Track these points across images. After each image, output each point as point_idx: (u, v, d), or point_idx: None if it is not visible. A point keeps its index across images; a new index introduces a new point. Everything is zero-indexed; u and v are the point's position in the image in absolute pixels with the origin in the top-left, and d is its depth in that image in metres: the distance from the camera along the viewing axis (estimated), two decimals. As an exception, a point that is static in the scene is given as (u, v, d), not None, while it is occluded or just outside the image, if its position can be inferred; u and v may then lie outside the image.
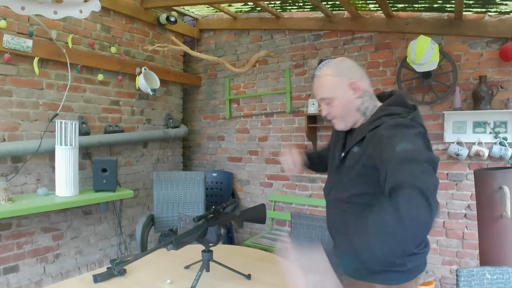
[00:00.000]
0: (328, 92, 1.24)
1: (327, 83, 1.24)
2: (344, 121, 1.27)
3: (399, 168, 0.95)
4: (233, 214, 1.71)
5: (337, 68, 1.25)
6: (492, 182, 1.98)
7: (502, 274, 1.50)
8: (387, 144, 1.03)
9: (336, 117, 1.28)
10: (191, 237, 1.45)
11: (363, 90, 1.24)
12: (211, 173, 4.10)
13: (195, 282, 1.40)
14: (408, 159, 0.96)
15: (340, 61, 1.29)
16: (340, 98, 1.23)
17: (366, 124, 1.21)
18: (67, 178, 2.63)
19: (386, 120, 1.12)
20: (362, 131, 1.20)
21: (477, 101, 2.72)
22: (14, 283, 2.67)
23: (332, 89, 1.24)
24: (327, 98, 1.25)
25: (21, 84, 2.74)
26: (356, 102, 1.23)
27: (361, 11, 3.18)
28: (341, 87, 1.23)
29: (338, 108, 1.25)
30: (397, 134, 1.05)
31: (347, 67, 1.26)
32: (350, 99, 1.23)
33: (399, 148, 0.99)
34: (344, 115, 1.26)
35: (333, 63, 1.27)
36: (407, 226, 0.84)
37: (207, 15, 4.21)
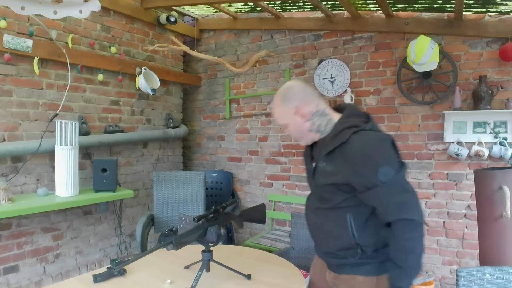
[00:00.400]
0: (281, 121, 1.39)
1: (278, 113, 1.39)
2: (303, 140, 1.42)
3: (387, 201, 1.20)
4: (233, 214, 1.71)
5: (283, 98, 1.36)
6: (492, 182, 1.98)
7: (502, 274, 1.51)
8: (368, 170, 1.20)
9: (295, 138, 1.45)
10: (191, 237, 1.45)
11: (310, 113, 1.34)
12: (211, 173, 4.10)
13: (195, 282, 1.40)
14: (391, 192, 1.19)
15: (286, 89, 1.37)
16: (291, 124, 1.37)
17: (329, 138, 1.31)
18: (67, 178, 2.63)
19: (349, 135, 1.24)
20: (325, 146, 1.31)
21: (477, 101, 2.72)
22: (14, 283, 2.67)
23: (283, 118, 1.37)
24: (282, 124, 1.40)
25: (21, 84, 2.74)
26: (305, 125, 1.35)
27: (361, 11, 3.18)
28: (288, 115, 1.35)
29: (293, 132, 1.39)
30: (374, 159, 1.20)
31: (292, 95, 1.35)
32: (300, 124, 1.35)
33: (381, 178, 1.17)
34: (300, 136, 1.41)
35: (280, 92, 1.37)
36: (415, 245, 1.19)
37: (207, 15, 4.21)
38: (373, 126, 1.31)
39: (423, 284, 2.66)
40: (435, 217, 3.01)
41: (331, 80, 3.46)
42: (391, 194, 1.19)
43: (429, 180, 3.03)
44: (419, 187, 3.07)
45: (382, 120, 3.23)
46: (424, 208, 3.05)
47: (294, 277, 1.56)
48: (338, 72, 3.42)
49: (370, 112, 3.24)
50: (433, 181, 3.01)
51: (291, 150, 3.73)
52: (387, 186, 1.18)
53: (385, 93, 3.22)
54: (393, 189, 1.19)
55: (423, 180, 3.05)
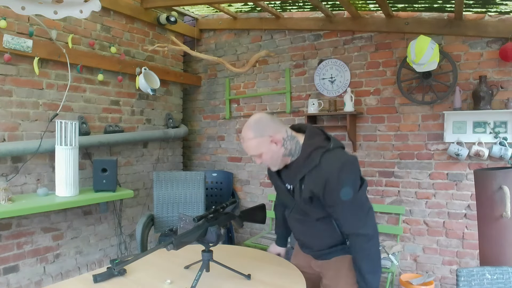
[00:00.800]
0: (255, 151, 1.47)
1: (252, 145, 1.46)
2: (276, 165, 1.52)
3: (346, 217, 1.43)
4: (233, 214, 1.71)
5: (256, 129, 1.45)
6: (492, 182, 1.98)
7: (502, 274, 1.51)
8: (334, 189, 1.37)
9: (268, 164, 1.53)
10: (191, 237, 1.45)
11: (282, 139, 1.46)
12: (211, 173, 4.10)
13: (195, 282, 1.40)
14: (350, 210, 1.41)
15: (256, 122, 1.47)
16: (266, 152, 1.46)
17: (301, 161, 1.46)
18: (67, 178, 2.63)
19: (319, 157, 1.41)
20: (299, 169, 1.46)
21: (477, 101, 2.72)
22: (14, 283, 2.67)
23: (258, 148, 1.46)
24: (256, 154, 1.48)
25: (21, 84, 2.74)
26: (280, 151, 1.47)
27: (361, 11, 3.18)
28: (264, 144, 1.45)
29: (268, 159, 1.49)
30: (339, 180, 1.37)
31: (263, 126, 1.46)
32: (275, 150, 1.46)
33: (343, 198, 1.36)
34: (275, 162, 1.51)
35: (251, 125, 1.47)
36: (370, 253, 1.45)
37: (207, 15, 4.21)
38: (335, 143, 1.48)
39: (423, 284, 2.66)
40: (435, 217, 3.01)
41: (331, 80, 3.46)
42: (350, 211, 1.41)
43: (429, 180, 3.03)
44: (419, 187, 3.07)
45: (382, 120, 3.23)
46: (424, 208, 3.05)
47: (294, 277, 1.56)
48: (338, 72, 3.42)
49: (370, 112, 3.28)
50: (433, 181, 3.01)
51: (291, 150, 3.72)
52: (347, 204, 1.38)
53: (385, 93, 3.22)
54: (352, 207, 1.40)
55: (423, 180, 3.05)
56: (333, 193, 1.37)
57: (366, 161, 3.31)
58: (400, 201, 3.15)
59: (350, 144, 3.36)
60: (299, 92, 3.68)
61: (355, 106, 3.29)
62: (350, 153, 3.38)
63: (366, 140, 3.31)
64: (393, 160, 3.19)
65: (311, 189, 1.42)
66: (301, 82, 3.67)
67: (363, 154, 3.32)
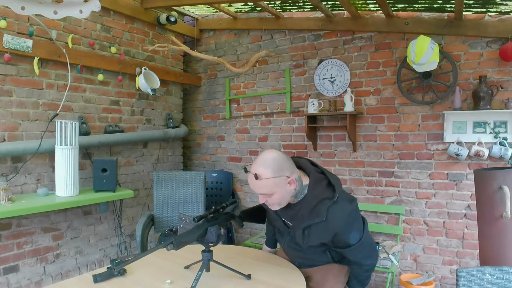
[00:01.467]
0: (269, 190, 1.43)
1: (268, 184, 1.41)
2: (280, 205, 1.51)
3: (356, 255, 1.54)
4: (233, 214, 1.71)
5: (274, 168, 1.41)
6: (492, 182, 1.98)
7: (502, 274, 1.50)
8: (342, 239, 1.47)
9: (274, 204, 1.50)
10: (191, 237, 1.45)
11: (296, 180, 1.46)
12: (211, 173, 4.10)
13: (195, 282, 1.40)
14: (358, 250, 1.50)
15: (274, 160, 1.43)
16: (279, 192, 1.44)
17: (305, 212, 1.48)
18: (67, 178, 2.63)
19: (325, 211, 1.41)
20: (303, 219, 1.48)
21: (477, 101, 2.72)
22: (14, 283, 2.67)
23: (273, 188, 1.42)
24: (267, 194, 1.44)
25: (21, 84, 2.74)
26: (292, 192, 1.47)
27: (361, 11, 3.18)
28: (280, 185, 1.42)
29: (276, 199, 1.46)
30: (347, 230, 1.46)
31: (281, 164, 1.42)
32: (288, 191, 1.45)
33: (352, 242, 1.47)
34: (281, 202, 1.49)
35: (267, 163, 1.42)
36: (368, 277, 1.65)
37: (207, 15, 4.21)
38: (339, 191, 1.47)
39: (423, 284, 2.66)
40: (435, 217, 3.01)
41: (331, 80, 3.46)
42: (358, 251, 1.51)
43: (429, 180, 3.03)
44: (419, 187, 3.07)
45: (382, 120, 3.23)
46: (424, 208, 3.05)
47: (294, 277, 1.56)
48: (338, 72, 3.42)
49: (370, 112, 3.28)
50: (433, 181, 3.01)
51: (291, 150, 3.73)
52: (356, 246, 1.48)
53: (385, 93, 3.22)
54: (360, 247, 1.49)
55: (423, 180, 3.05)
56: (341, 241, 1.48)
57: (366, 161, 3.31)
58: (400, 201, 3.15)
59: (350, 144, 3.36)
60: (299, 92, 3.68)
61: (355, 106, 3.29)
62: (350, 153, 3.39)
63: (366, 140, 3.31)
64: (393, 160, 3.19)
65: (318, 239, 1.49)
66: (301, 82, 3.67)
67: (363, 154, 3.33)
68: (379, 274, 3.24)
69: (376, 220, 3.25)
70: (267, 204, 1.52)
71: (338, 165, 3.45)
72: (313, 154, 3.59)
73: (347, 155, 3.42)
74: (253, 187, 1.45)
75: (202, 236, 1.49)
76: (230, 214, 1.68)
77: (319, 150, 3.56)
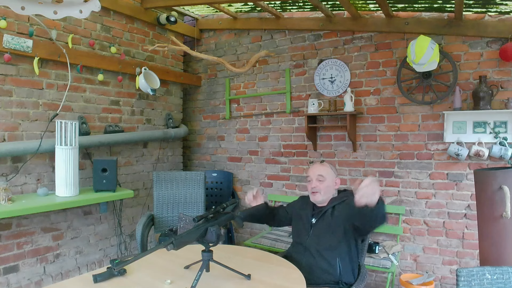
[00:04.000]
0: (326, 174, 2.00)
1: (327, 170, 2.02)
2: (323, 196, 1.99)
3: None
4: (234, 214, 1.71)
5: (332, 167, 2.07)
6: (492, 182, 1.98)
7: (502, 274, 1.50)
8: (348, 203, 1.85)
9: (319, 192, 1.98)
10: (191, 237, 1.45)
11: (339, 185, 2.06)
12: (211, 173, 4.10)
13: (195, 282, 1.40)
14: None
15: (332, 165, 2.10)
16: (329, 181, 2.00)
17: (333, 199, 2.01)
18: (67, 178, 2.63)
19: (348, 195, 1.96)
20: (331, 204, 1.98)
21: (477, 101, 2.72)
22: (14, 283, 2.67)
23: (328, 174, 2.01)
24: (323, 176, 1.99)
25: (21, 84, 2.74)
26: (333, 191, 2.04)
27: (361, 11, 3.18)
28: (331, 177, 2.02)
29: (324, 186, 1.98)
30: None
31: (336, 170, 2.09)
32: (332, 186, 2.02)
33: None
34: (326, 192, 1.99)
35: (330, 164, 2.10)
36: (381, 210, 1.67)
37: (207, 15, 4.21)
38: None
39: (423, 284, 2.66)
40: (435, 217, 3.01)
41: (331, 80, 3.46)
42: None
43: (429, 180, 3.03)
44: (419, 187, 3.07)
45: (382, 120, 3.23)
46: (424, 208, 3.05)
47: (294, 277, 1.56)
48: (338, 72, 3.42)
49: (370, 112, 3.28)
50: (433, 181, 3.01)
51: (291, 150, 3.73)
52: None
53: (385, 93, 3.22)
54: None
55: (423, 180, 3.05)
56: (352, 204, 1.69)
57: (366, 161, 3.31)
58: (400, 201, 3.15)
59: (350, 144, 3.36)
60: (299, 92, 3.68)
61: (355, 106, 3.29)
62: (350, 153, 3.39)
63: (366, 140, 3.31)
64: (393, 160, 3.19)
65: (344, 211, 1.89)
66: (301, 82, 3.67)
67: (363, 154, 3.33)
68: (379, 274, 3.24)
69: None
70: (315, 190, 1.97)
71: (338, 165, 3.45)
72: (313, 154, 3.60)
73: (347, 155, 3.42)
74: (316, 169, 2.01)
75: (202, 236, 1.49)
76: (230, 214, 1.69)
77: (319, 150, 3.56)
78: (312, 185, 1.99)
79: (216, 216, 1.60)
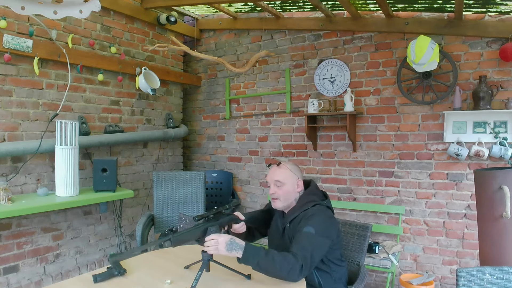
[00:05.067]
0: (283, 178, 1.75)
1: (285, 173, 1.76)
2: (283, 203, 1.77)
3: (298, 242, 1.56)
4: (236, 217, 1.72)
5: (293, 168, 1.80)
6: (492, 182, 1.98)
7: (502, 274, 1.50)
8: (302, 226, 1.62)
9: (279, 198, 1.76)
10: (190, 236, 1.46)
11: (302, 188, 1.80)
12: (211, 173, 4.10)
13: (195, 282, 1.40)
14: (304, 240, 1.55)
15: (292, 164, 1.84)
16: (288, 186, 1.75)
17: (296, 209, 1.75)
18: (67, 178, 2.63)
19: (308, 208, 1.70)
20: (293, 214, 1.74)
21: (477, 101, 2.72)
22: (14, 283, 2.67)
23: (286, 178, 1.75)
24: (280, 182, 1.75)
25: (21, 84, 2.74)
26: (295, 195, 1.78)
27: (361, 11, 3.18)
28: (291, 180, 1.76)
29: (283, 192, 1.75)
30: (309, 221, 1.62)
31: (297, 169, 1.82)
32: (293, 190, 1.76)
33: (305, 230, 1.58)
34: (286, 198, 1.76)
35: (290, 163, 1.83)
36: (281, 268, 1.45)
37: (207, 15, 4.21)
38: (328, 203, 1.77)
39: (423, 284, 2.66)
40: (435, 217, 3.01)
41: (331, 80, 3.46)
42: (301, 239, 1.56)
43: (429, 180, 3.03)
44: (419, 187, 3.07)
45: (382, 120, 3.23)
46: (424, 208, 3.05)
47: (294, 277, 1.56)
48: (338, 72, 3.42)
49: (370, 112, 3.28)
50: (433, 181, 3.01)
51: (291, 150, 3.73)
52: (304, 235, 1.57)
53: (385, 93, 3.22)
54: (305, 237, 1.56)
55: (423, 180, 3.05)
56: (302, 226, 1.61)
57: (366, 161, 3.31)
58: (400, 201, 3.15)
59: (350, 144, 3.36)
60: (299, 92, 3.68)
61: (355, 106, 3.29)
62: (350, 153, 3.39)
63: (366, 140, 3.31)
64: (393, 160, 3.19)
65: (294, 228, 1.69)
66: (301, 82, 3.67)
67: (363, 154, 3.33)
68: (379, 274, 3.24)
69: (376, 220, 3.25)
70: (274, 197, 1.77)
71: (338, 165, 3.45)
72: (313, 154, 3.60)
73: (347, 155, 3.42)
74: (272, 174, 1.77)
75: (202, 236, 1.49)
76: (232, 216, 1.70)
77: (319, 150, 3.57)
78: (270, 192, 1.78)
79: (217, 216, 1.60)
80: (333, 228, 1.69)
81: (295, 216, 1.72)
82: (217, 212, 1.59)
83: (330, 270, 1.73)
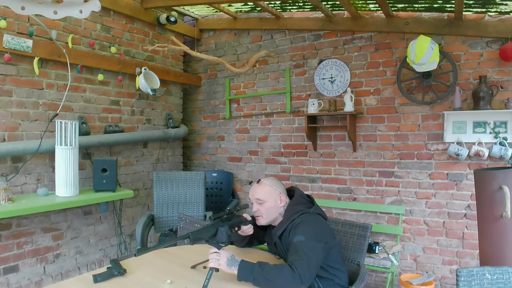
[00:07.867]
0: (263, 196, 1.75)
1: (265, 190, 1.77)
2: (267, 219, 1.78)
3: (292, 253, 1.55)
4: (244, 218, 1.78)
5: (273, 182, 1.81)
6: (492, 182, 1.98)
7: (502, 274, 1.50)
8: (292, 237, 1.62)
9: (261, 215, 1.77)
10: (207, 234, 1.50)
11: (285, 202, 1.79)
12: (211, 173, 4.10)
13: (207, 281, 1.41)
14: (297, 250, 1.54)
15: (274, 179, 1.85)
16: (270, 202, 1.75)
17: (283, 222, 1.74)
18: (67, 178, 2.63)
19: (295, 219, 1.69)
20: (281, 228, 1.73)
21: (477, 101, 2.72)
22: (14, 283, 2.67)
23: (267, 195, 1.76)
24: (261, 200, 1.75)
25: (21, 84, 2.74)
26: (279, 210, 1.78)
27: (361, 11, 3.18)
28: (273, 196, 1.76)
29: (265, 209, 1.75)
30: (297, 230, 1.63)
31: (278, 183, 1.83)
32: (276, 206, 1.77)
33: (295, 240, 1.58)
34: (269, 215, 1.77)
35: (270, 178, 1.85)
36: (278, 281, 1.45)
37: (207, 15, 4.21)
38: (316, 209, 1.76)
39: (423, 284, 2.66)
40: (435, 217, 3.01)
41: (331, 80, 3.46)
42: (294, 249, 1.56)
43: (429, 180, 3.03)
44: (419, 187, 3.07)
45: (382, 120, 3.23)
46: (424, 208, 3.05)
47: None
48: (338, 72, 3.42)
49: (370, 112, 3.28)
50: (433, 181, 3.01)
51: (291, 150, 3.73)
52: (295, 245, 1.57)
53: (385, 93, 3.22)
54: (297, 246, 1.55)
55: (423, 180, 3.05)
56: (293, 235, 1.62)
57: (366, 161, 3.31)
58: (400, 201, 3.15)
59: (350, 144, 3.36)
60: (299, 92, 3.68)
61: (355, 106, 3.29)
62: (350, 153, 3.39)
63: (366, 140, 3.31)
64: (393, 160, 3.19)
65: (284, 242, 1.69)
66: (301, 82, 3.67)
67: (363, 154, 3.33)
68: (379, 274, 3.24)
69: (376, 220, 3.25)
70: (257, 214, 1.78)
71: (338, 165, 3.46)
72: (313, 154, 3.60)
73: (347, 155, 3.42)
74: (253, 192, 1.78)
75: (213, 236, 1.52)
76: (241, 218, 1.75)
77: (319, 150, 3.57)
78: (253, 209, 1.79)
79: (230, 217, 1.65)
80: (323, 231, 1.67)
81: (283, 229, 1.72)
82: (229, 212, 1.65)
83: (331, 276, 1.70)
